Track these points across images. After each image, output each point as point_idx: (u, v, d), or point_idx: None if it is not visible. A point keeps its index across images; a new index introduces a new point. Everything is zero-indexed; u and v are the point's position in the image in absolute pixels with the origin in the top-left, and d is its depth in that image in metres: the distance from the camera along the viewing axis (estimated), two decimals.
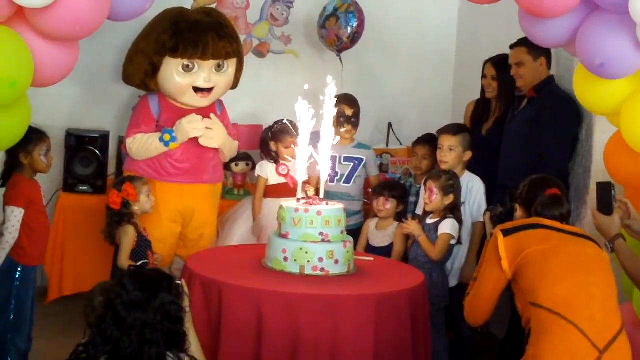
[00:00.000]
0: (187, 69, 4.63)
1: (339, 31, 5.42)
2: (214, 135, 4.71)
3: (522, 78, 4.65)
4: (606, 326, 2.82)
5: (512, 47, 4.68)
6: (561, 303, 2.81)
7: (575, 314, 2.79)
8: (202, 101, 4.72)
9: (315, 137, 3.84)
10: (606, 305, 2.86)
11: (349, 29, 5.42)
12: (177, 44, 4.57)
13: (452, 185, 4.33)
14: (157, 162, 4.68)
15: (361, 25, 5.47)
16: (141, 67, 4.65)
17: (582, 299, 2.82)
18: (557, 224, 3.04)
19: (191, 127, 4.64)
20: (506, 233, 2.98)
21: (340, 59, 5.48)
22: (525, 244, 2.94)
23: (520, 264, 2.91)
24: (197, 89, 4.68)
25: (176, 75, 4.63)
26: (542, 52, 4.54)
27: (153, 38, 4.61)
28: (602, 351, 2.78)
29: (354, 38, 5.48)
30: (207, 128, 4.67)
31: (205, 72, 4.65)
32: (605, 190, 3.26)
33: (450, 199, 4.32)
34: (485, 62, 5.03)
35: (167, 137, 4.63)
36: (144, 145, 4.66)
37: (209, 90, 4.70)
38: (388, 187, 4.75)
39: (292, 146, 4.72)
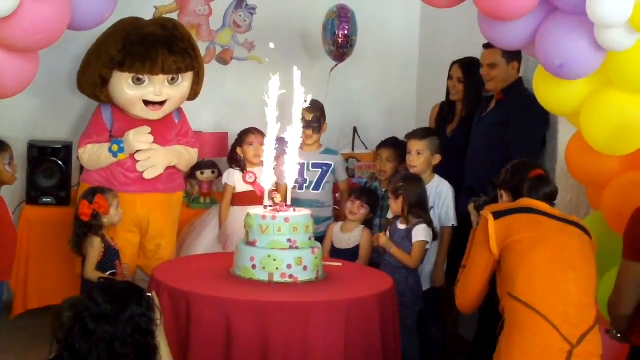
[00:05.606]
0: (137, 82, 4.61)
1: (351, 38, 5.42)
2: (154, 163, 4.69)
3: (493, 80, 4.60)
4: (580, 321, 2.85)
5: (486, 46, 4.56)
6: (537, 297, 2.84)
7: (549, 310, 2.82)
8: (152, 114, 4.71)
9: (280, 143, 3.83)
10: (583, 301, 2.89)
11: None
12: (125, 58, 4.54)
13: (400, 188, 4.32)
14: (110, 172, 4.68)
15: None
16: (91, 79, 4.64)
17: (558, 294, 2.85)
18: (547, 208, 3.04)
19: (137, 140, 4.63)
20: (497, 216, 2.98)
21: (332, 69, 5.49)
22: (513, 229, 2.94)
23: (506, 248, 2.92)
24: (147, 102, 4.66)
25: (126, 88, 4.61)
26: (515, 57, 4.50)
27: (103, 51, 4.59)
28: (575, 345, 2.82)
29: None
30: (147, 158, 4.63)
31: (156, 86, 4.63)
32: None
33: (400, 202, 4.31)
34: (453, 64, 4.98)
35: (115, 147, 4.64)
36: (94, 155, 4.67)
37: (161, 103, 4.69)
38: (366, 193, 4.76)
39: (256, 143, 4.71)
